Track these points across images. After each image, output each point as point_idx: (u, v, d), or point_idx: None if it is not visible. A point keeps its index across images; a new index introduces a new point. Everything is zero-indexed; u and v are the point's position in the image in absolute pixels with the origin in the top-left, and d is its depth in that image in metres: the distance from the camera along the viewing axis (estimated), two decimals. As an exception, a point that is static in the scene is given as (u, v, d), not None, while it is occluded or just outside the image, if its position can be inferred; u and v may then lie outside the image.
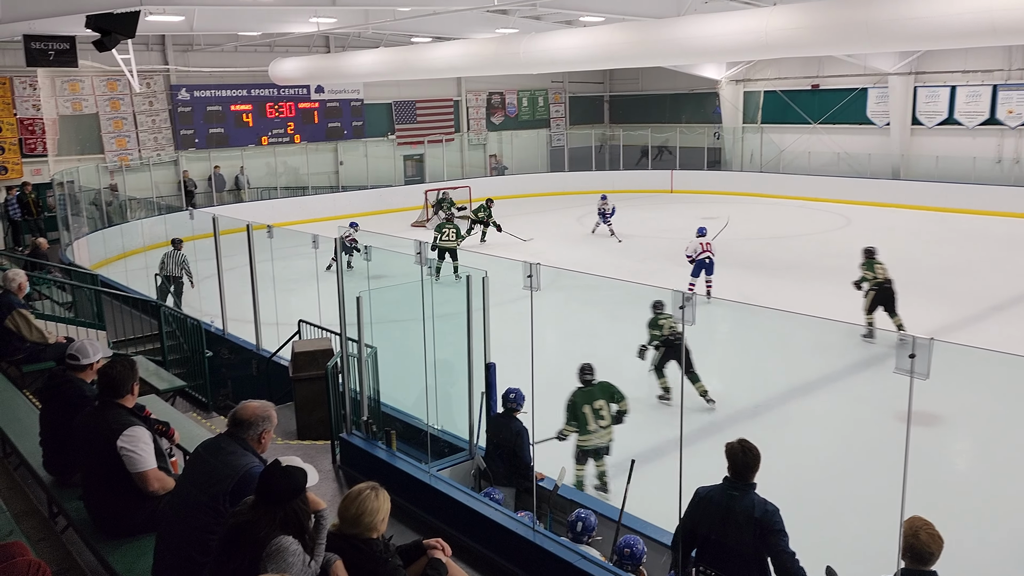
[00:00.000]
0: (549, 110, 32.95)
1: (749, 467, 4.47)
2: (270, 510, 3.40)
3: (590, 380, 7.43)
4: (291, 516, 3.43)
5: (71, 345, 5.46)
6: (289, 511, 3.41)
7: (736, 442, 4.53)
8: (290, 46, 25.09)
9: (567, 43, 17.58)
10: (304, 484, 3.51)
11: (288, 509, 3.41)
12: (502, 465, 6.58)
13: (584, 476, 7.57)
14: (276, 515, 3.40)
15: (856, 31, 12.68)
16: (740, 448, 4.49)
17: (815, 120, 27.78)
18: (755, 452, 4.49)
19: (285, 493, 3.43)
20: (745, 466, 4.46)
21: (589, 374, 7.38)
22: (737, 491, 4.45)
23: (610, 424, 7.21)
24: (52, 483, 5.21)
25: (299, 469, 3.52)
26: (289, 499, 3.42)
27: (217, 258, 11.16)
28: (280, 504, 3.40)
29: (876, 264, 12.39)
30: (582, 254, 18.67)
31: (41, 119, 21.56)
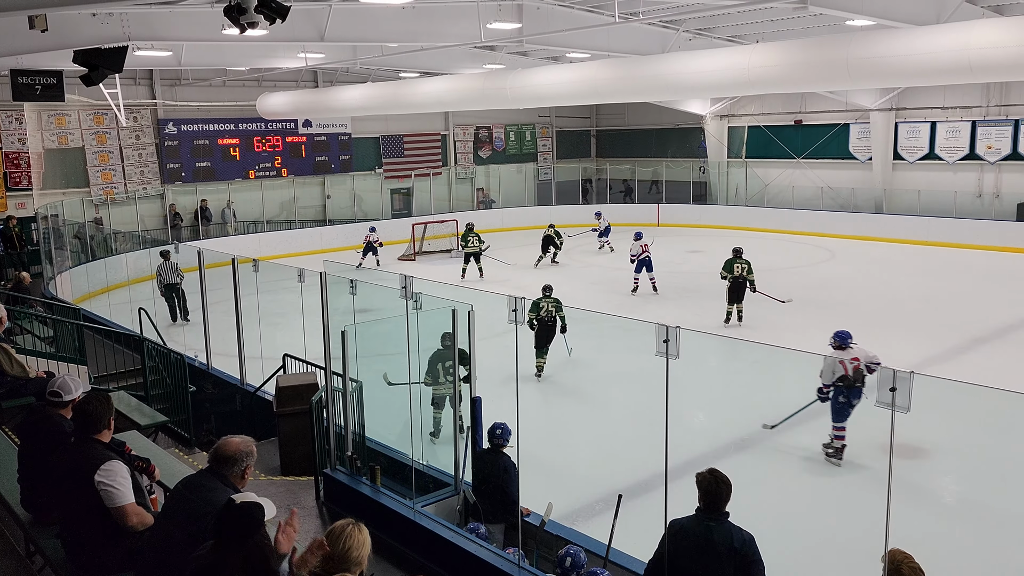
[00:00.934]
0: (536, 144, 33.23)
1: (722, 497, 4.44)
2: (231, 551, 3.34)
3: (448, 344, 8.32)
4: (255, 555, 3.37)
5: (53, 381, 5.40)
6: (252, 550, 3.35)
7: (707, 472, 4.50)
8: (278, 81, 25.26)
9: (553, 79, 17.80)
10: (261, 519, 3.45)
11: (250, 548, 3.35)
12: (489, 502, 6.53)
13: (440, 419, 9.24)
14: (239, 555, 3.34)
15: (836, 68, 12.91)
16: (712, 478, 4.46)
17: (798, 155, 28.13)
18: (727, 482, 4.47)
19: (245, 530, 3.38)
20: (718, 496, 4.44)
21: (449, 340, 8.19)
22: (713, 521, 4.42)
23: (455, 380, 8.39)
24: (29, 521, 5.12)
25: (255, 504, 3.46)
26: (249, 536, 3.37)
27: (202, 292, 11.11)
28: (240, 543, 3.35)
29: (736, 263, 14.79)
30: (568, 287, 18.68)
31: (27, 153, 21.53)
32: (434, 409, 9.30)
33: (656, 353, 4.49)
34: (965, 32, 11.42)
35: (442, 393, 9.11)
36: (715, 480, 4.45)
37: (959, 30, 11.62)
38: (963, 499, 8.64)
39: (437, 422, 9.30)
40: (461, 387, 7.31)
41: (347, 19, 15.16)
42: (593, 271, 20.99)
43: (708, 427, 10.45)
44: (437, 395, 9.19)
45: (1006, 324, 14.62)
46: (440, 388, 9.06)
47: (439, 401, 9.27)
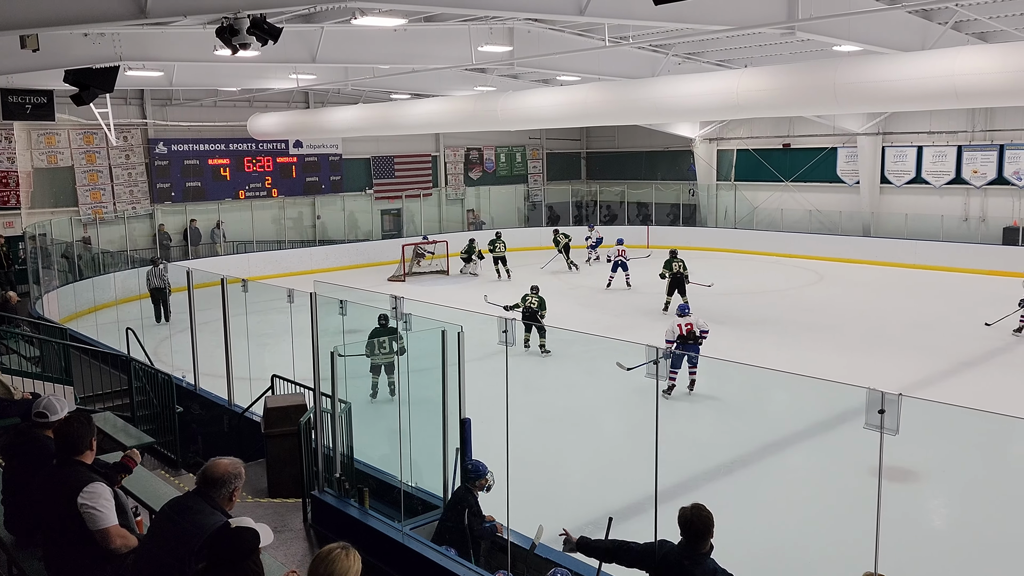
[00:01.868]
0: (527, 166, 33.37)
1: (701, 535, 4.24)
2: (225, 573, 3.31)
3: (384, 325, 10.54)
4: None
5: (39, 402, 5.36)
6: (242, 572, 3.33)
7: (689, 508, 4.31)
8: (269, 101, 25.32)
9: (544, 101, 17.91)
10: (256, 545, 3.43)
11: (241, 572, 3.32)
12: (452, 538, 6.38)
13: (377, 383, 11.26)
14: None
15: (824, 93, 13.05)
16: (693, 515, 4.26)
17: (787, 178, 28.35)
18: (708, 517, 4.25)
19: (238, 554, 3.35)
20: (698, 534, 4.24)
21: (384, 320, 10.43)
22: (689, 560, 4.25)
23: (390, 352, 10.76)
24: (13, 543, 5.05)
25: (250, 529, 3.44)
26: (242, 560, 3.34)
27: (191, 312, 11.06)
28: (232, 567, 3.32)
29: (674, 262, 18.23)
30: (558, 309, 18.70)
31: (15, 171, 21.46)
32: (372, 375, 11.39)
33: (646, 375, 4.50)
34: (951, 59, 11.57)
35: (378, 362, 11.30)
36: (696, 517, 4.25)
37: (945, 56, 11.78)
38: (953, 522, 8.64)
39: (374, 385, 11.36)
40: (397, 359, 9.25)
41: (339, 41, 15.25)
42: (582, 292, 21.02)
43: (697, 449, 10.44)
44: (374, 363, 11.35)
45: (993, 347, 14.70)
46: (376, 358, 11.24)
47: (375, 368, 11.42)
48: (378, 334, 10.91)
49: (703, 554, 4.26)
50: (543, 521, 6.25)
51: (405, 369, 6.46)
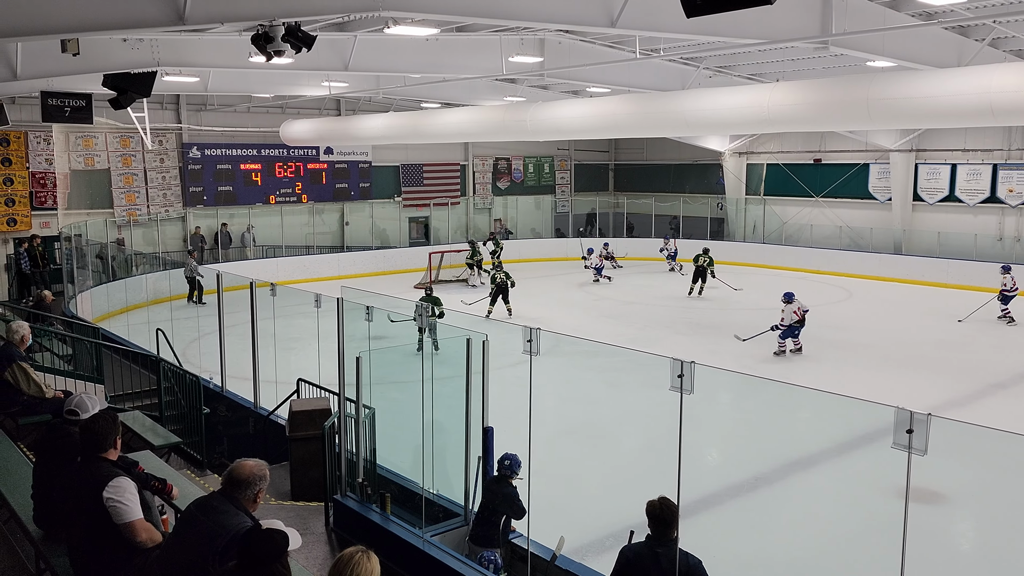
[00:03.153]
0: (554, 177, 33.40)
1: (668, 523, 4.65)
2: (252, 574, 3.35)
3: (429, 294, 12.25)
4: None
5: (71, 399, 5.45)
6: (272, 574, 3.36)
7: (657, 500, 4.74)
8: (301, 108, 25.60)
9: (573, 112, 17.95)
10: (286, 547, 3.47)
11: (269, 573, 3.36)
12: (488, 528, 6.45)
13: (422, 339, 11.65)
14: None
15: (856, 109, 12.95)
16: (660, 505, 4.69)
17: (817, 193, 28.11)
18: (674, 508, 4.69)
19: (267, 556, 3.39)
20: (665, 522, 4.65)
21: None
22: (661, 547, 4.63)
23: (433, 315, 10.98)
24: (41, 537, 5.14)
25: (281, 532, 3.48)
26: (271, 562, 3.38)
27: (219, 314, 11.19)
28: (262, 567, 3.36)
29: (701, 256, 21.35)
30: (583, 320, 18.70)
31: (53, 173, 21.88)
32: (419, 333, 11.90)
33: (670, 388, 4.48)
34: (987, 76, 11.44)
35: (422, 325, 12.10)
36: (663, 507, 4.69)
37: (981, 74, 11.65)
38: (981, 546, 8.49)
39: (421, 341, 11.44)
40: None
41: (371, 50, 15.39)
42: (606, 304, 20.96)
43: (721, 464, 10.36)
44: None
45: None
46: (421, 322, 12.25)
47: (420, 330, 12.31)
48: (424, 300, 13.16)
49: (672, 541, 4.66)
50: (564, 532, 6.24)
51: (429, 376, 6.48)
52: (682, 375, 4.37)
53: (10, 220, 21.21)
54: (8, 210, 21.20)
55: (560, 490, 9.07)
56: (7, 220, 21.17)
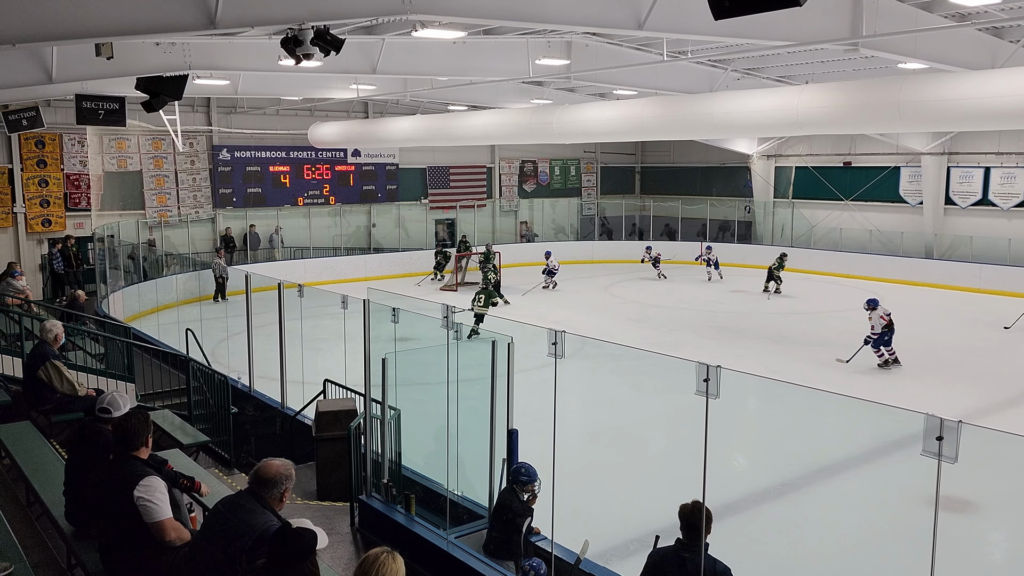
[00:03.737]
0: (581, 179, 33.34)
1: (696, 528, 4.57)
2: (282, 572, 3.39)
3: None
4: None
5: (102, 397, 5.54)
6: (300, 574, 3.40)
7: (690, 503, 4.67)
8: (329, 110, 25.80)
9: (600, 115, 17.91)
10: (315, 546, 3.50)
11: (298, 571, 3.40)
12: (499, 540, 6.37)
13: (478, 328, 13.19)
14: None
15: (887, 111, 12.79)
16: (692, 508, 4.64)
17: (847, 197, 27.81)
18: (708, 513, 4.61)
19: (296, 555, 3.42)
20: (693, 527, 4.58)
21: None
22: (688, 552, 4.56)
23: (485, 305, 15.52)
24: (72, 534, 5.22)
25: (310, 531, 3.52)
26: (300, 561, 3.42)
27: (247, 315, 11.30)
28: (291, 566, 3.40)
29: (775, 260, 22.17)
30: (608, 323, 18.65)
31: (87, 175, 22.25)
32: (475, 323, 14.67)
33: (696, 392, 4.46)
34: (1021, 77, 11.25)
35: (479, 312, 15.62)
36: (694, 510, 4.62)
37: (1015, 75, 11.45)
38: (1014, 557, 8.34)
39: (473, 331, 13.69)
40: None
41: (399, 53, 15.49)
42: (632, 307, 20.88)
43: (747, 470, 10.28)
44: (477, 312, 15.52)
45: (1061, 376, 14.18)
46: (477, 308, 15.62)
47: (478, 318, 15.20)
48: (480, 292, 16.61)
49: (700, 546, 4.58)
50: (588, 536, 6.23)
51: (455, 378, 6.50)
52: (708, 379, 4.34)
53: (45, 221, 21.60)
54: (43, 211, 21.58)
55: (585, 494, 9.05)
56: (42, 221, 21.56)
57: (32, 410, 8.12)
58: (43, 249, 21.60)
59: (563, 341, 5.39)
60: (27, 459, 6.52)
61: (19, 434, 7.15)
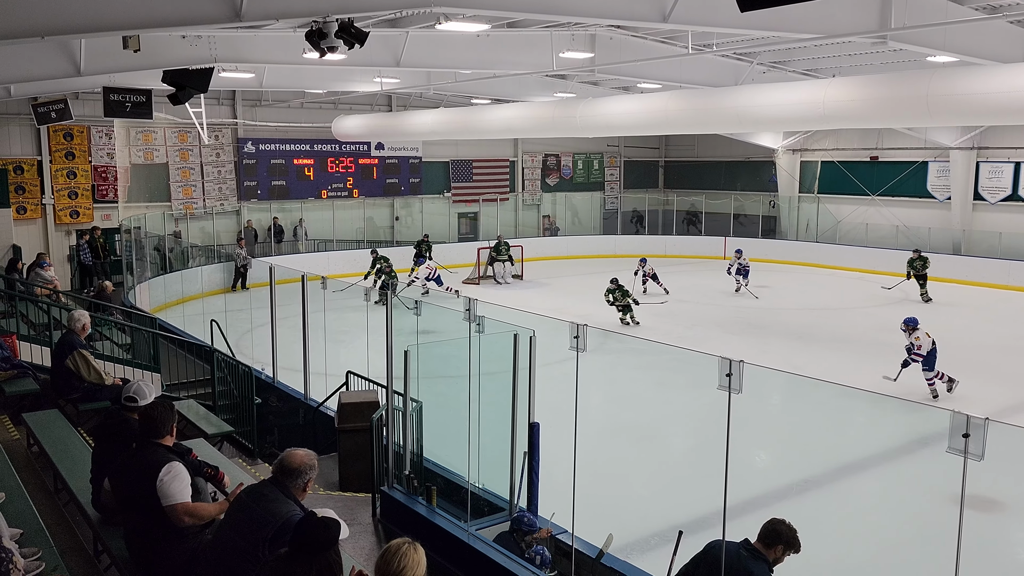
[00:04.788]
0: (604, 173, 33.23)
1: (771, 539, 4.49)
2: (305, 561, 3.42)
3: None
4: (325, 568, 3.44)
5: (129, 386, 5.61)
6: (323, 564, 3.42)
7: (778, 519, 4.59)
8: (353, 104, 25.89)
9: (624, 108, 17.83)
10: (338, 536, 3.53)
11: (322, 561, 3.42)
12: None
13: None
14: (312, 567, 3.41)
15: (915, 105, 12.62)
16: (776, 521, 4.56)
17: (873, 192, 27.49)
18: (786, 531, 4.52)
19: (320, 544, 3.45)
20: (767, 536, 4.50)
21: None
22: (748, 552, 4.48)
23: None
24: (99, 521, 5.30)
25: (334, 521, 3.55)
26: (323, 550, 3.44)
27: (271, 306, 11.39)
28: (314, 555, 3.42)
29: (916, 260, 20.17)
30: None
31: (114, 167, 22.50)
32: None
33: (718, 387, 4.43)
34: (1054, 71, 11.06)
35: None
36: (780, 524, 4.53)
37: (1047, 69, 11.27)
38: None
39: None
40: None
41: (423, 46, 15.49)
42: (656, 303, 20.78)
43: (770, 466, 10.22)
44: None
45: (1091, 375, 13.94)
46: None
47: None
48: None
49: (764, 557, 4.48)
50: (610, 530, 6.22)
51: (476, 371, 6.51)
52: (731, 374, 4.32)
53: (73, 212, 21.88)
54: (71, 203, 21.87)
55: (606, 488, 9.04)
56: (70, 212, 21.85)
57: (60, 398, 8.25)
58: (71, 240, 21.90)
59: (585, 335, 5.38)
60: (55, 447, 6.62)
61: (47, 422, 7.26)
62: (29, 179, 21.22)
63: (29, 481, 6.32)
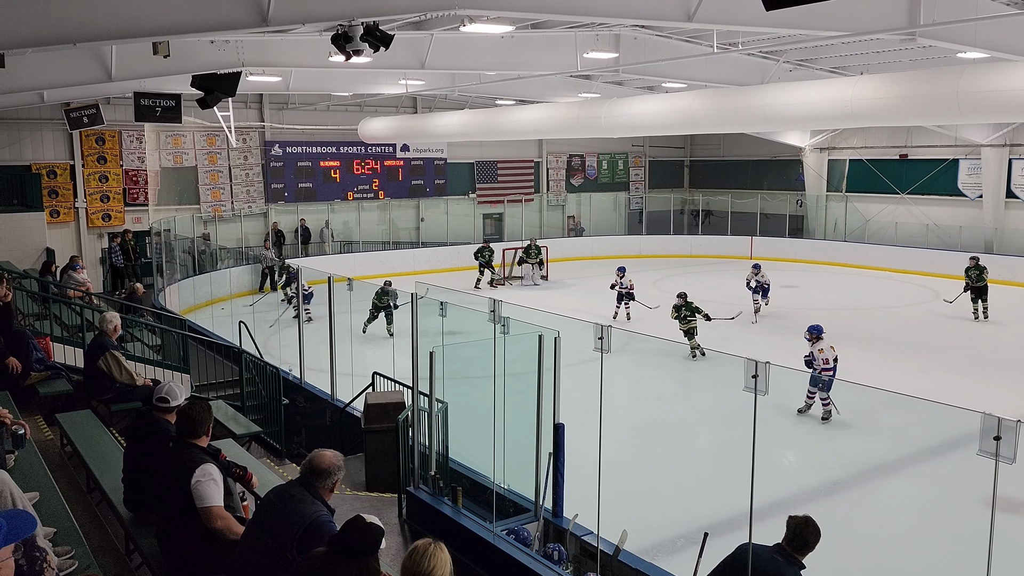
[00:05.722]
0: (629, 173, 33.12)
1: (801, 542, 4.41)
2: (345, 564, 3.43)
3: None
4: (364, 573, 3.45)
5: (161, 387, 5.68)
6: (363, 569, 3.44)
7: (802, 516, 4.52)
8: (379, 106, 26.05)
9: (649, 108, 17.76)
10: (380, 543, 3.54)
11: (362, 567, 3.43)
12: None
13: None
14: (352, 570, 3.43)
15: (946, 102, 12.44)
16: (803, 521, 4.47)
17: (903, 190, 27.15)
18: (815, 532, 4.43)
19: (364, 549, 3.46)
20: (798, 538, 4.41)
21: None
22: (782, 556, 4.41)
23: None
24: (131, 520, 5.38)
25: (379, 527, 3.56)
26: (366, 555, 3.46)
27: (299, 308, 11.50)
28: (356, 559, 3.44)
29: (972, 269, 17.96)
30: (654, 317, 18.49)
31: (145, 170, 22.84)
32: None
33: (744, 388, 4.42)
34: (1088, 66, 10.86)
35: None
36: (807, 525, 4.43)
37: (1081, 64, 11.06)
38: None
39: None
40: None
41: (447, 48, 15.56)
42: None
43: (798, 468, 10.14)
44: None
45: None
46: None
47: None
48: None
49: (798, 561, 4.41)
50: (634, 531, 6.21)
51: (501, 372, 6.53)
52: (756, 375, 4.30)
53: (105, 216, 22.23)
54: (103, 206, 22.22)
55: (631, 489, 9.03)
56: (102, 215, 22.19)
57: (93, 399, 8.38)
58: (103, 243, 22.25)
59: (609, 336, 5.38)
60: (88, 447, 6.73)
61: (80, 422, 7.38)
62: (62, 183, 21.59)
63: (62, 481, 6.43)
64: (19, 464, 5.74)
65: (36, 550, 3.31)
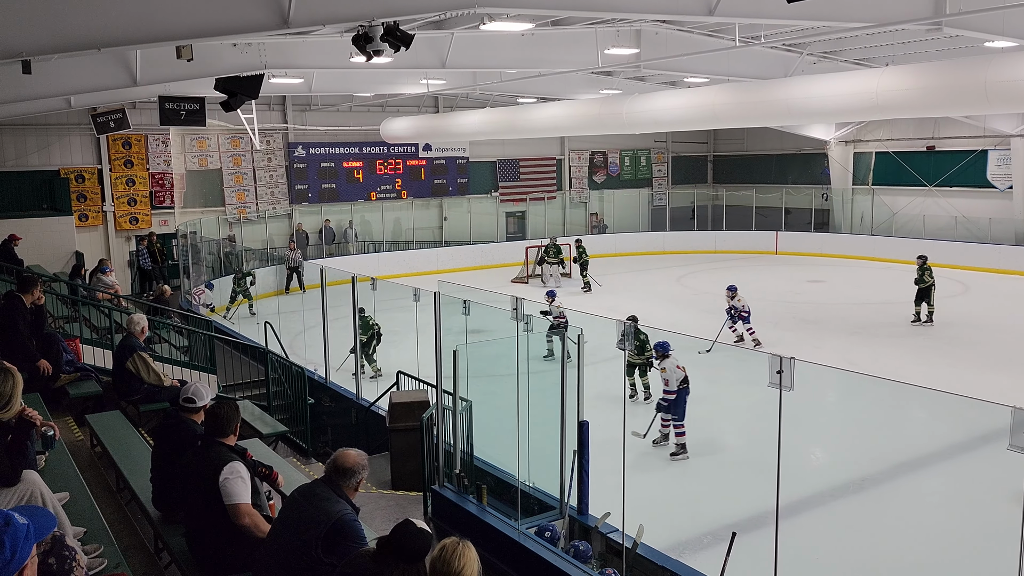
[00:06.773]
0: (651, 170, 32.96)
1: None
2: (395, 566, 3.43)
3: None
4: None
5: (187, 388, 5.74)
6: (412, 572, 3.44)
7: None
8: (401, 106, 26.14)
9: (671, 104, 17.66)
10: (430, 548, 3.53)
11: (412, 570, 3.43)
12: None
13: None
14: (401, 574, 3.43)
15: (973, 92, 12.25)
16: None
17: (930, 182, 26.77)
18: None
19: (415, 554, 3.47)
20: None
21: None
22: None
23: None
24: (159, 519, 5.44)
25: (429, 533, 3.55)
26: (416, 560, 3.46)
27: (323, 308, 11.57)
28: (406, 563, 3.44)
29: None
30: (680, 315, 18.43)
31: (170, 173, 23.09)
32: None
33: (769, 384, 4.38)
34: (1120, 53, 10.64)
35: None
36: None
37: (1113, 51, 10.84)
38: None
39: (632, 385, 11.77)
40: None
41: (468, 46, 15.56)
42: (706, 299, 20.56)
43: (826, 464, 10.04)
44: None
45: None
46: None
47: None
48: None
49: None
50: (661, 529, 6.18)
51: (525, 370, 6.53)
52: (781, 371, 4.26)
53: (132, 219, 22.51)
54: (130, 209, 22.49)
55: (658, 486, 8.99)
56: (130, 219, 22.47)
57: (121, 400, 8.49)
58: (131, 246, 22.53)
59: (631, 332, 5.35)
60: (117, 447, 6.81)
61: (109, 423, 7.47)
62: (90, 187, 21.89)
63: (92, 481, 6.51)
64: (49, 465, 5.81)
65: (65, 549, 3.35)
